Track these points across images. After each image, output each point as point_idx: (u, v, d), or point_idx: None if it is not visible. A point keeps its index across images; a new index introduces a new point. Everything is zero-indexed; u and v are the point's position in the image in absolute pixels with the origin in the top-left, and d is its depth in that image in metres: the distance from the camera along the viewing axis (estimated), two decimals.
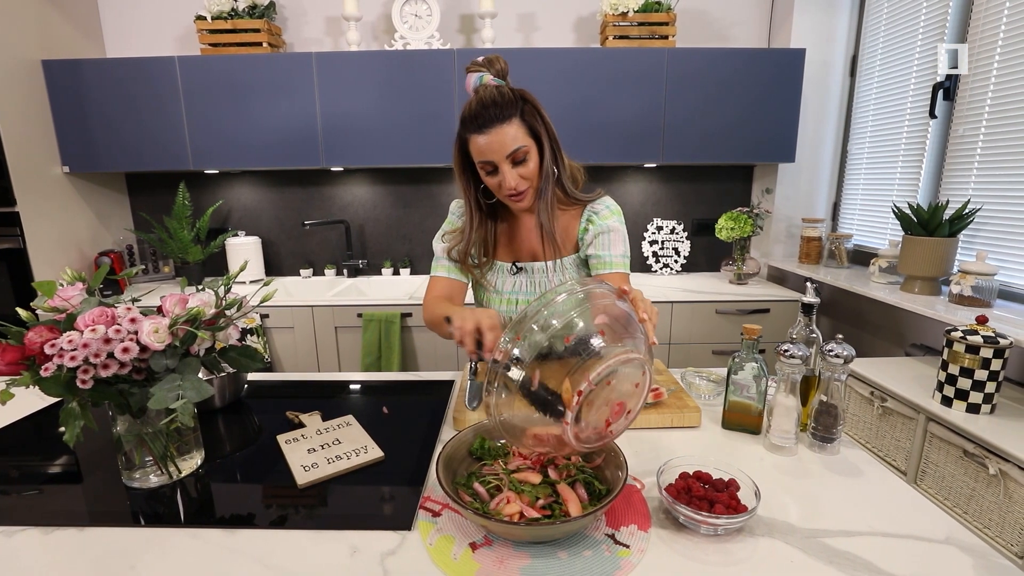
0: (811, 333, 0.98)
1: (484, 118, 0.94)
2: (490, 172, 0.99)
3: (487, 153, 0.96)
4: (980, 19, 1.71)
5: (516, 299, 1.15)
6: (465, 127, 0.97)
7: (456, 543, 0.69)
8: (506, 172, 0.97)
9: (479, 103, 0.95)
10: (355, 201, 2.69)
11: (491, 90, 0.95)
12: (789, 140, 2.34)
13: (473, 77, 0.97)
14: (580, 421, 0.66)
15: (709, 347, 2.25)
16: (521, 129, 0.96)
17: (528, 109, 0.97)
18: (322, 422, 1.02)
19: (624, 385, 0.68)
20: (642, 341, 0.70)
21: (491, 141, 0.94)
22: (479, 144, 0.96)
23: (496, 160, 0.96)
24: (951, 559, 0.67)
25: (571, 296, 0.69)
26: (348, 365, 2.26)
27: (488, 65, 0.97)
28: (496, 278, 1.16)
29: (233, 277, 0.85)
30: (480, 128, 0.94)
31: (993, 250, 1.70)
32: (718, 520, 0.68)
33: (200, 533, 0.73)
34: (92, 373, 0.70)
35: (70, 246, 2.34)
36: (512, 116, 0.95)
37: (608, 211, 1.11)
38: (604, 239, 1.09)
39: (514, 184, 0.98)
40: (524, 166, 0.98)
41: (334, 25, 2.53)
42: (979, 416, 1.30)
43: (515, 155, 0.96)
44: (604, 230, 1.09)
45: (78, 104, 2.25)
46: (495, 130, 0.94)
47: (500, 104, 0.94)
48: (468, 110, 0.96)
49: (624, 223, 1.13)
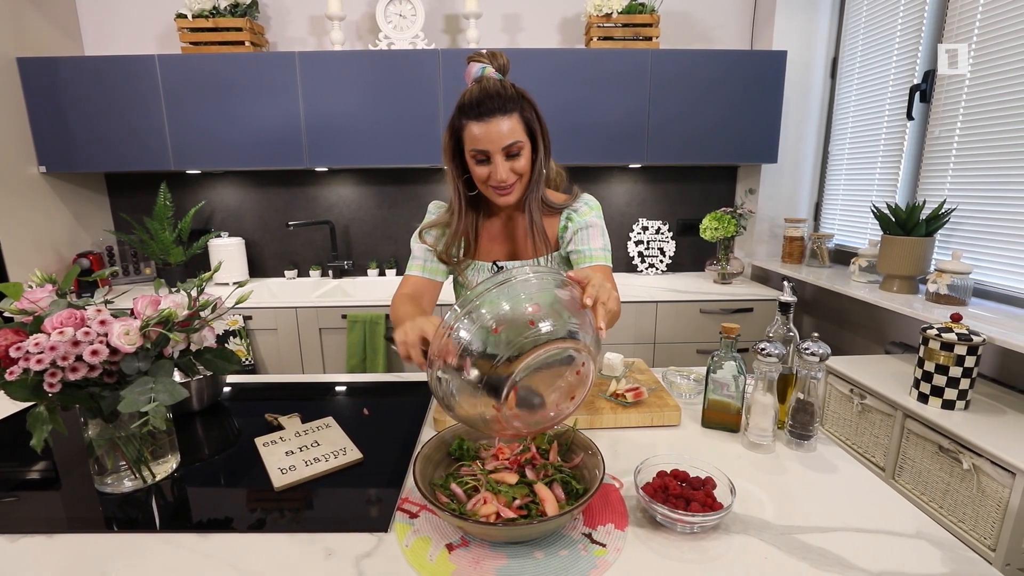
0: (788, 332, 0.99)
1: (486, 107, 0.94)
2: (481, 161, 0.99)
3: (483, 142, 0.96)
4: (955, 24, 1.75)
5: None
6: (464, 113, 0.97)
7: (433, 544, 0.69)
8: (499, 163, 0.97)
9: (482, 92, 0.95)
10: (340, 202, 2.67)
11: (495, 82, 0.96)
12: (771, 141, 2.36)
13: (475, 67, 0.98)
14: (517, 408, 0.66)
15: (693, 346, 2.27)
16: (519, 124, 0.97)
17: (528, 107, 0.99)
18: (301, 424, 1.02)
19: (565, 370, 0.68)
20: (590, 327, 0.69)
21: (489, 130, 0.95)
22: (476, 132, 0.96)
23: (491, 150, 0.97)
24: (920, 553, 0.68)
25: (507, 286, 0.68)
26: (333, 367, 2.24)
27: (491, 58, 0.99)
28: (476, 276, 1.15)
29: (207, 278, 0.84)
30: (480, 116, 0.95)
31: (968, 249, 1.73)
32: (694, 518, 0.69)
33: (173, 538, 0.72)
34: (60, 376, 0.69)
35: (47, 247, 2.30)
36: (513, 110, 0.96)
37: (587, 207, 1.12)
38: (583, 234, 1.10)
39: (504, 176, 0.98)
40: (516, 161, 0.99)
41: (318, 24, 2.51)
42: (954, 412, 1.33)
43: (510, 148, 0.97)
44: (583, 226, 1.10)
45: (55, 103, 2.20)
46: (495, 120, 0.95)
47: (503, 96, 0.95)
48: (469, 97, 0.96)
49: (603, 218, 1.14)
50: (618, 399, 1.04)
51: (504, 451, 0.80)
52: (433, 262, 1.14)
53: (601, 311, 0.68)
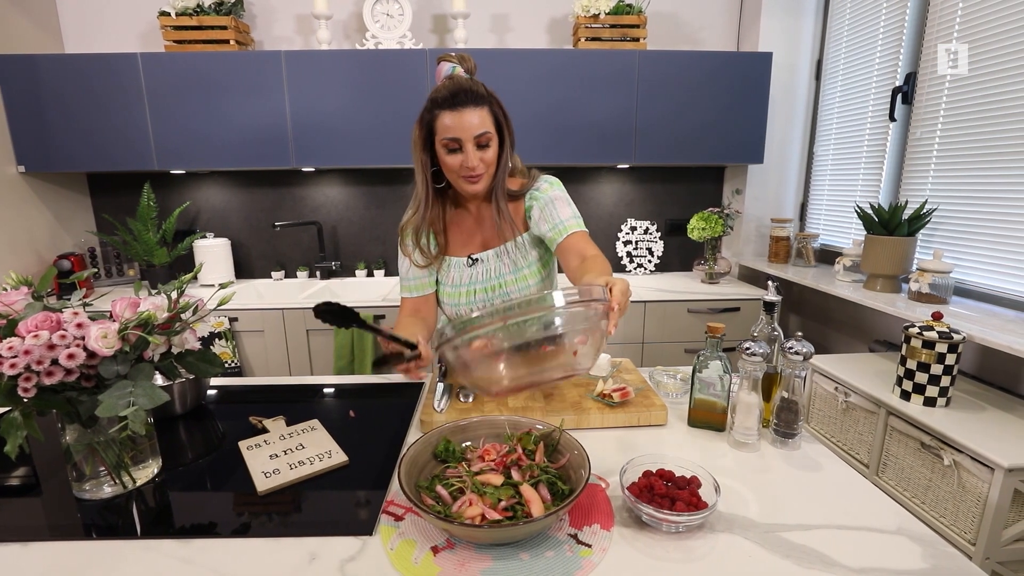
0: (773, 331, 1.00)
1: (459, 99, 1.01)
2: (453, 151, 1.04)
3: (456, 130, 1.01)
4: (935, 27, 1.78)
5: (474, 290, 1.18)
6: (436, 105, 1.02)
7: (418, 547, 0.68)
8: (470, 151, 1.03)
9: (455, 85, 1.02)
10: (328, 202, 2.65)
11: (466, 79, 1.04)
12: (758, 142, 2.39)
13: (446, 66, 1.06)
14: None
15: (682, 345, 2.28)
16: (489, 118, 1.04)
17: (496, 104, 1.06)
18: (286, 427, 1.00)
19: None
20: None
21: (462, 120, 1.01)
22: (448, 121, 1.01)
23: (463, 138, 1.02)
24: (902, 549, 0.69)
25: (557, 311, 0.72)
26: (320, 369, 2.22)
27: (460, 60, 1.07)
28: (452, 272, 1.20)
29: (187, 280, 0.83)
30: (453, 107, 1.01)
31: (949, 249, 1.76)
32: (679, 517, 0.69)
33: (154, 545, 0.70)
34: (35, 381, 0.67)
35: (26, 249, 2.26)
36: (483, 104, 1.03)
37: (547, 184, 1.16)
38: (550, 209, 1.12)
39: (475, 163, 1.04)
40: (485, 151, 1.05)
41: (304, 23, 2.49)
42: (935, 409, 1.35)
43: (480, 139, 1.03)
44: (547, 201, 1.13)
45: (34, 101, 2.16)
46: (467, 111, 1.01)
47: (474, 92, 1.02)
48: (442, 91, 1.02)
49: (565, 191, 1.17)
50: (605, 399, 1.04)
51: (490, 452, 0.80)
52: (416, 279, 1.20)
53: (615, 318, 0.75)
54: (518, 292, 1.17)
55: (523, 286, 1.17)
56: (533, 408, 1.03)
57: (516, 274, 1.17)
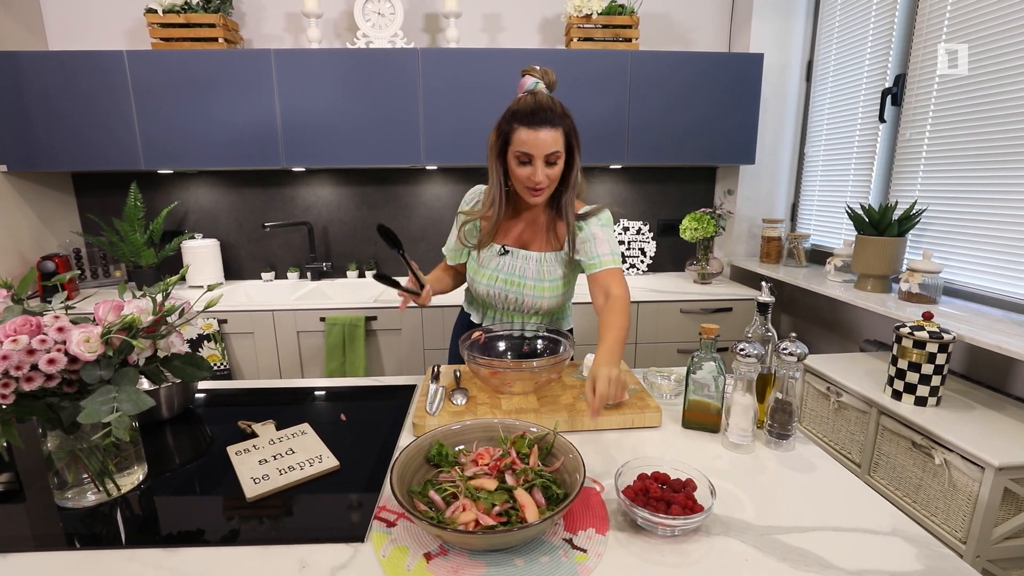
0: (767, 332, 1.00)
1: (539, 117, 1.08)
2: (524, 163, 1.12)
3: (529, 146, 1.09)
4: (924, 30, 1.79)
5: (498, 276, 1.27)
6: (517, 119, 1.10)
7: (410, 554, 0.67)
8: (538, 167, 1.11)
9: (536, 104, 1.09)
10: (318, 202, 2.62)
11: (547, 97, 1.11)
12: (749, 142, 2.39)
13: (529, 80, 1.12)
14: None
15: (674, 346, 2.28)
16: (561, 138, 1.11)
17: (570, 126, 1.13)
18: (276, 431, 0.99)
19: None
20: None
21: (538, 138, 1.08)
22: (524, 137, 1.09)
23: (535, 155, 1.09)
24: (896, 550, 0.69)
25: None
26: (311, 371, 2.20)
27: (543, 75, 1.13)
28: (484, 253, 1.29)
29: (172, 283, 0.81)
30: (531, 124, 1.08)
31: (938, 249, 1.78)
32: (674, 521, 0.69)
33: (139, 554, 0.69)
34: (13, 387, 0.65)
35: (9, 250, 2.21)
36: (559, 125, 1.10)
37: (596, 219, 1.24)
38: (591, 243, 1.21)
39: (541, 179, 1.12)
40: (552, 168, 1.13)
41: (294, 22, 2.47)
42: (926, 408, 1.36)
43: (550, 157, 1.10)
44: (588, 237, 1.22)
45: (17, 99, 2.12)
46: (544, 130, 1.08)
47: (553, 112, 1.09)
48: (524, 106, 1.09)
49: (608, 228, 1.24)
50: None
51: (483, 456, 0.79)
52: (454, 250, 1.34)
53: (597, 405, 0.90)
54: (531, 299, 1.25)
55: (537, 295, 1.25)
56: (527, 411, 1.02)
57: (537, 283, 1.25)
